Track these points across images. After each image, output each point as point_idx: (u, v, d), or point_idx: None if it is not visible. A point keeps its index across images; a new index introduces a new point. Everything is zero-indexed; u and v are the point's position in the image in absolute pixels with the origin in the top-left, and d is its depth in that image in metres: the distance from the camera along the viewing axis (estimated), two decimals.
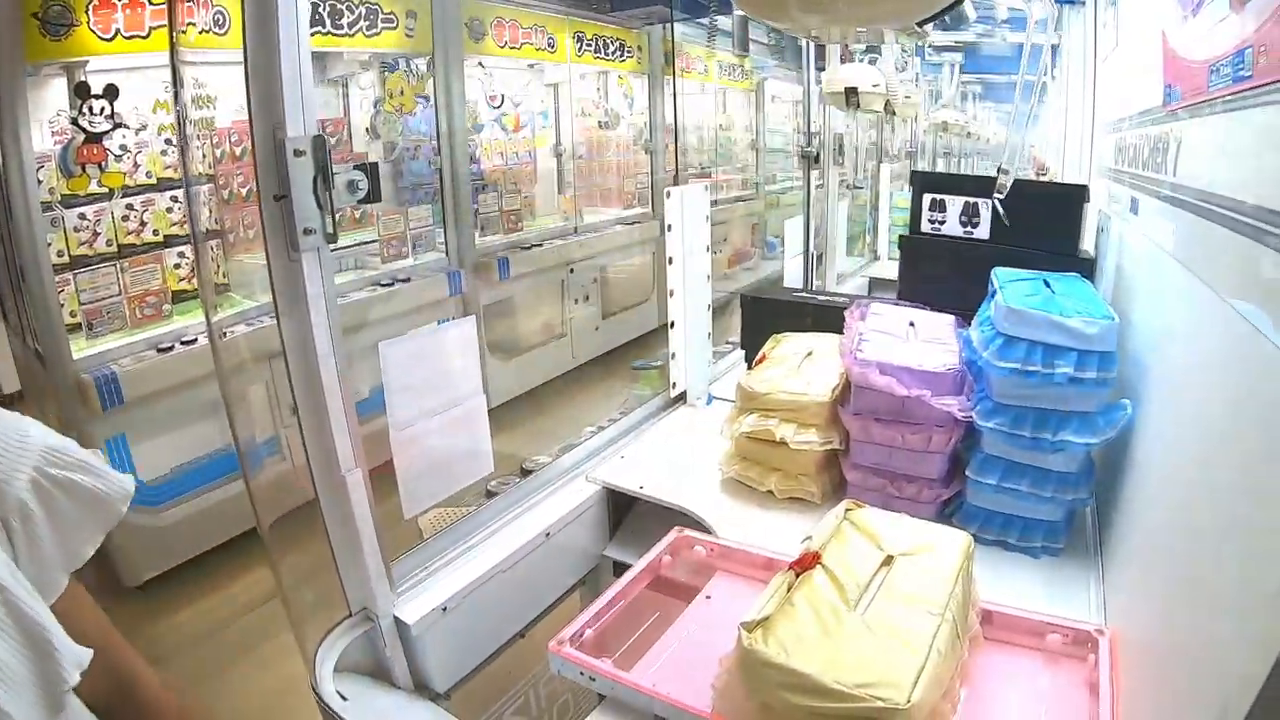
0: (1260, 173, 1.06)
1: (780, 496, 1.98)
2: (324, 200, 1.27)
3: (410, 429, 1.57)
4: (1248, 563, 0.91)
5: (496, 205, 5.74)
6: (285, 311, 1.32)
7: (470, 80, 5.48)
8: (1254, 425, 0.97)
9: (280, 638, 3.33)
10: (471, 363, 1.69)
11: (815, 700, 1.12)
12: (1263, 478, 0.92)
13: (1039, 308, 1.70)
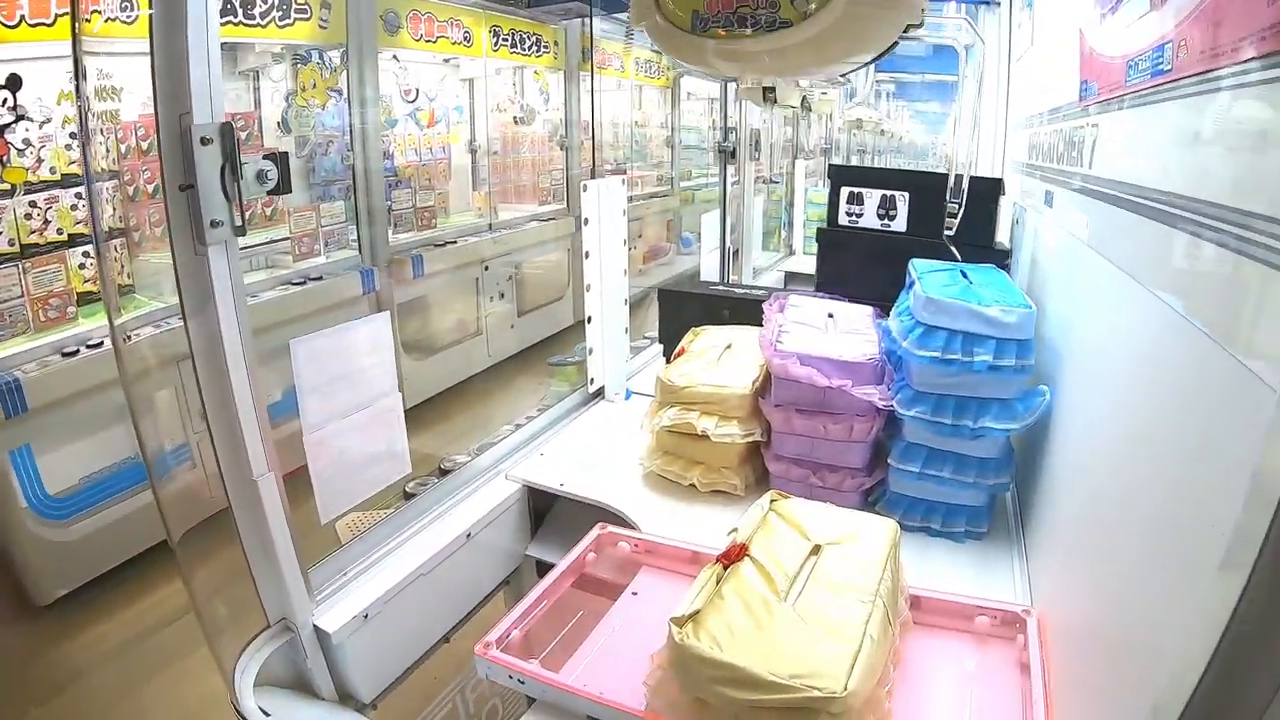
0: (1176, 161, 1.09)
1: (703, 490, 1.97)
2: (232, 191, 1.21)
3: (324, 429, 1.52)
4: (1165, 543, 0.95)
5: (410, 201, 5.64)
6: (192, 308, 1.26)
7: (384, 74, 5.38)
8: (1170, 406, 1.00)
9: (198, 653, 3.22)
10: (386, 360, 1.64)
11: (751, 693, 1.11)
12: (1176, 460, 0.95)
13: (957, 297, 1.71)
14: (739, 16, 0.97)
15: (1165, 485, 0.97)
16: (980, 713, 1.33)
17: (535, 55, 6.86)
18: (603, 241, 2.42)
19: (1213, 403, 0.86)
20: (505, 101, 6.88)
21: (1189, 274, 0.99)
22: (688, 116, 9.56)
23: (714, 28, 0.99)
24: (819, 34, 0.96)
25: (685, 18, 0.98)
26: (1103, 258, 1.44)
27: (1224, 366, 0.82)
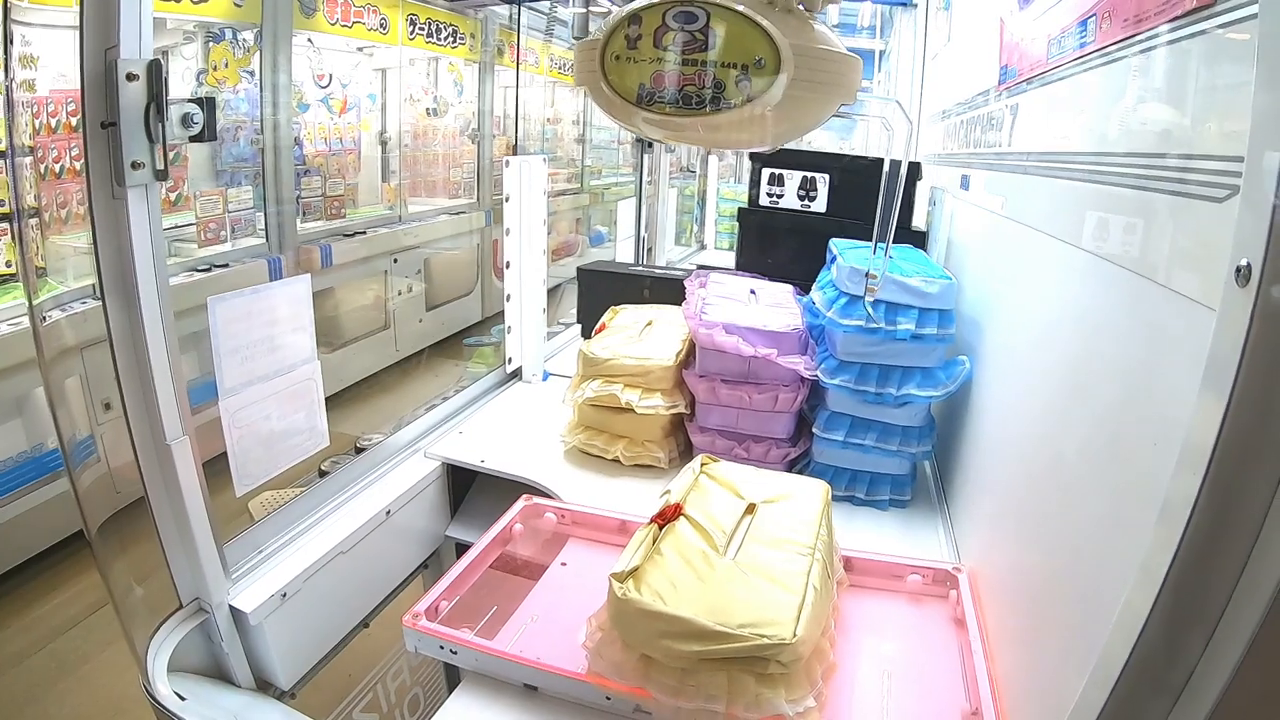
0: (1096, 123, 1.18)
1: (627, 464, 1.96)
2: (155, 132, 1.15)
3: (242, 394, 1.45)
4: (1098, 496, 0.99)
5: (320, 189, 5.51)
6: (106, 254, 1.18)
7: (298, 57, 5.24)
8: (1105, 352, 1.04)
9: (104, 655, 3.09)
10: (306, 325, 1.58)
11: (699, 645, 1.10)
12: (1109, 411, 1.00)
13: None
14: (684, 95, 0.98)
15: (1099, 438, 1.01)
16: (920, 665, 1.35)
17: (451, 46, 6.76)
18: (523, 219, 2.40)
19: (1147, 337, 0.90)
20: (419, 92, 6.76)
21: (1115, 221, 1.05)
22: (600, 115, 9.52)
23: (658, 103, 1.00)
24: (759, 115, 0.97)
25: (631, 90, 1.00)
26: (1023, 225, 1.50)
27: (1153, 298, 0.88)
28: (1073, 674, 0.91)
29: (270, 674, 1.51)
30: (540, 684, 1.27)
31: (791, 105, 1.00)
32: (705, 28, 0.96)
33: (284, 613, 1.51)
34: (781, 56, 0.95)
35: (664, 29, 0.97)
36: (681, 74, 0.99)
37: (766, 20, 0.95)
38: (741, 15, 0.95)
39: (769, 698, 1.10)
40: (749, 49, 0.95)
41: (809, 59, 0.98)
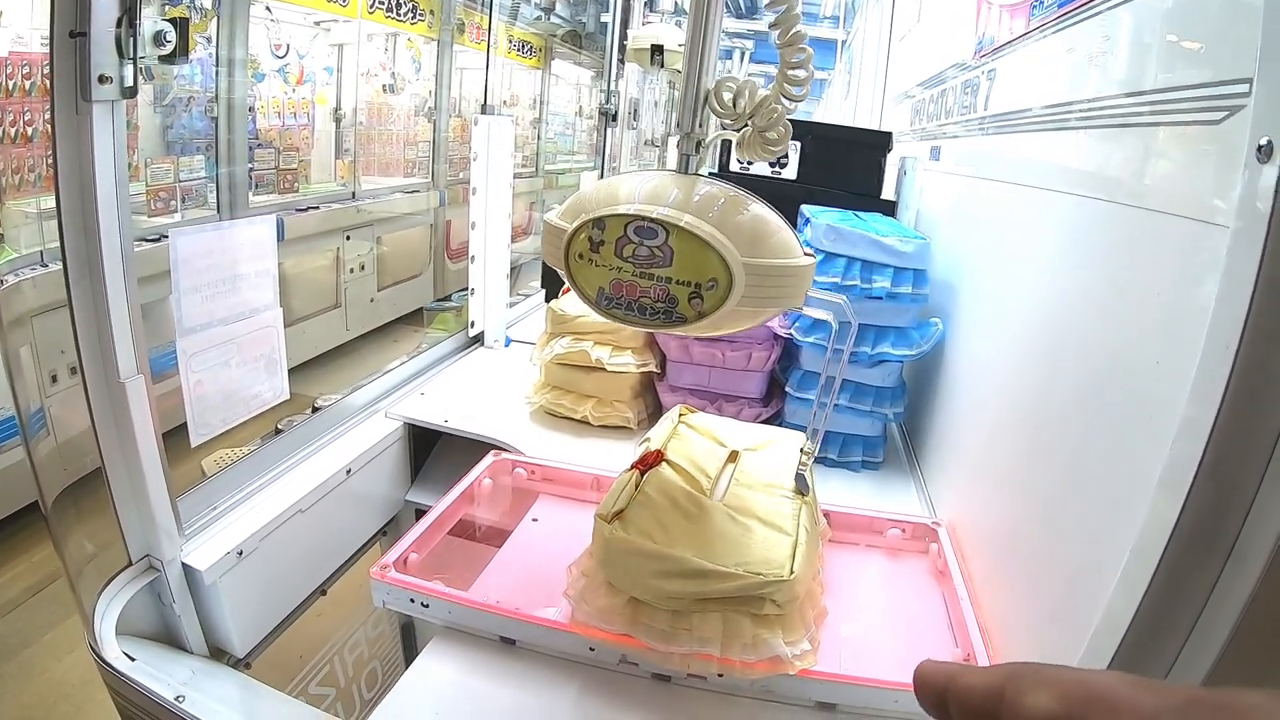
0: (1080, 73, 1.23)
1: (595, 424, 1.92)
2: (126, 45, 1.09)
3: (201, 335, 1.39)
4: (1068, 445, 1.04)
5: (273, 162, 5.39)
6: (66, 174, 1.11)
7: (256, 25, 5.11)
8: (1100, 295, 1.04)
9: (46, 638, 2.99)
10: (269, 268, 1.52)
11: (693, 584, 1.06)
12: (1103, 362, 1.01)
13: (856, 227, 1.73)
14: (640, 305, 0.99)
15: (1080, 383, 1.05)
16: (907, 615, 1.35)
17: (410, 22, 6.65)
18: (489, 178, 2.35)
19: (1140, 268, 0.93)
20: (376, 68, 6.64)
21: (1102, 161, 1.10)
22: (556, 102, 9.50)
23: (615, 308, 1.01)
24: (707, 324, 1.00)
25: (592, 292, 1.01)
26: (1003, 183, 1.55)
27: (1148, 227, 0.92)
28: (1064, 618, 0.94)
29: (224, 640, 1.44)
30: (519, 636, 1.23)
31: (740, 317, 1.02)
32: (664, 245, 0.96)
33: (239, 573, 1.44)
34: (734, 279, 0.96)
35: (625, 240, 0.98)
36: (638, 286, 1.00)
37: (723, 244, 0.96)
38: (698, 238, 0.95)
39: (766, 639, 1.07)
40: (704, 270, 0.96)
41: (761, 277, 0.99)
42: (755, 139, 1.09)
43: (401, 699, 1.13)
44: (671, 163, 1.13)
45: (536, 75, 9.06)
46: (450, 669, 1.20)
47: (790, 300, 1.05)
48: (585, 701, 1.14)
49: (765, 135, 1.08)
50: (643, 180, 1.05)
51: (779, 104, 1.06)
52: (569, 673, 1.19)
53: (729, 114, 1.07)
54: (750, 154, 1.12)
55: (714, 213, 0.98)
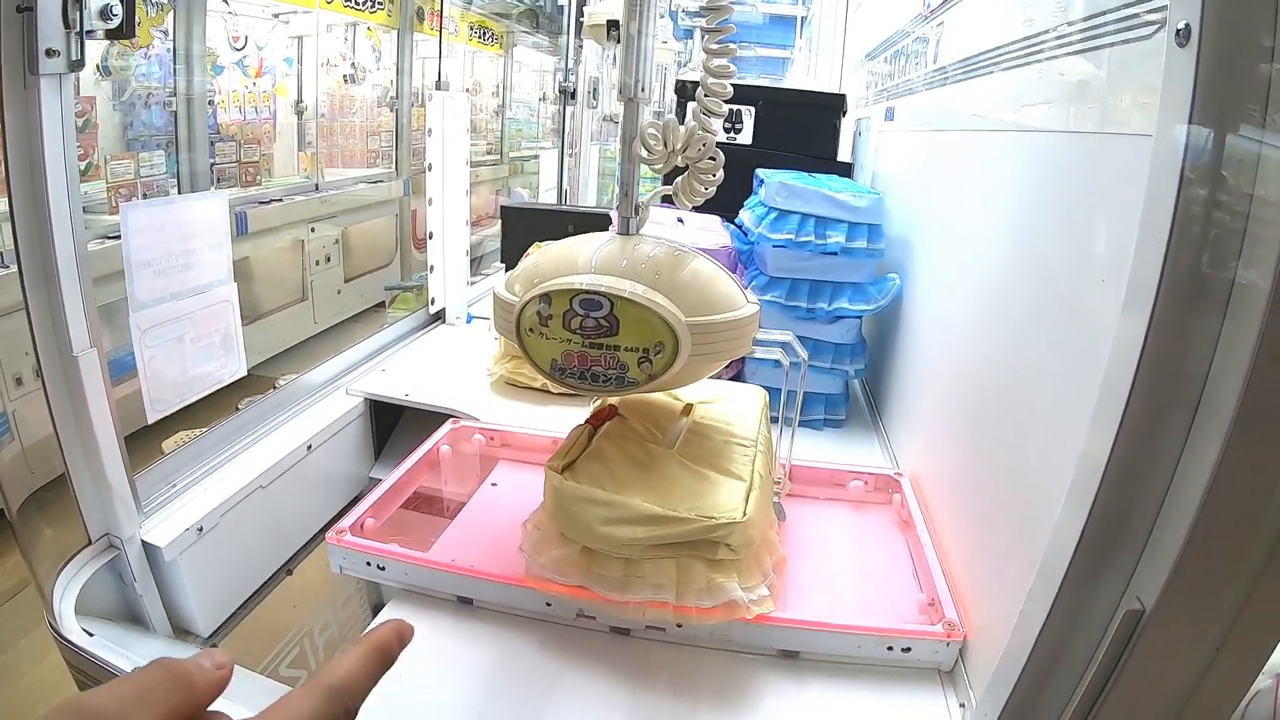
0: (1017, 14, 1.25)
1: (555, 391, 1.91)
2: (73, 18, 1.09)
3: (154, 310, 1.37)
4: (1025, 391, 1.05)
5: (235, 156, 5.33)
6: (15, 148, 1.11)
7: (213, 17, 5.05)
8: (1065, 223, 1.03)
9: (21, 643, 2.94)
10: (222, 244, 1.50)
11: (644, 530, 1.05)
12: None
13: (809, 184, 1.73)
14: (592, 374, 1.02)
15: (1042, 327, 1.04)
16: (870, 564, 1.35)
17: (370, 10, 6.58)
18: (445, 154, 2.33)
19: (1087, 194, 0.93)
20: (336, 58, 6.58)
21: (1048, 93, 1.11)
22: (519, 89, 9.45)
23: (570, 378, 1.04)
24: (663, 383, 1.04)
25: (545, 365, 1.04)
26: (955, 132, 1.56)
27: (1093, 149, 0.92)
28: (1020, 555, 0.93)
29: (188, 619, 1.43)
30: (475, 595, 1.22)
31: (691, 371, 1.05)
32: (610, 315, 0.98)
33: (200, 549, 1.43)
34: (680, 341, 0.99)
35: (572, 313, 1.00)
36: (589, 355, 1.02)
37: (666, 309, 0.98)
38: (642, 305, 0.97)
39: (721, 584, 1.06)
40: (650, 335, 0.99)
41: (707, 334, 1.02)
42: (690, 177, 1.13)
43: None
44: None
45: (499, 63, 9.02)
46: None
47: (738, 349, 1.08)
48: (543, 657, 1.14)
49: (699, 167, 1.11)
50: (583, 246, 1.07)
51: (705, 131, 1.08)
52: (526, 629, 1.18)
53: (661, 155, 1.09)
54: (688, 196, 1.15)
55: (655, 276, 1.00)
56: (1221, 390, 0.62)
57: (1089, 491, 0.70)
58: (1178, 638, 0.67)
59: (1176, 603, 0.65)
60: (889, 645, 1.13)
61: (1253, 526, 0.62)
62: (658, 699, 1.08)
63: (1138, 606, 0.67)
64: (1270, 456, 0.60)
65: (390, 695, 1.06)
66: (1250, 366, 0.58)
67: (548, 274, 1.03)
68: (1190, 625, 0.66)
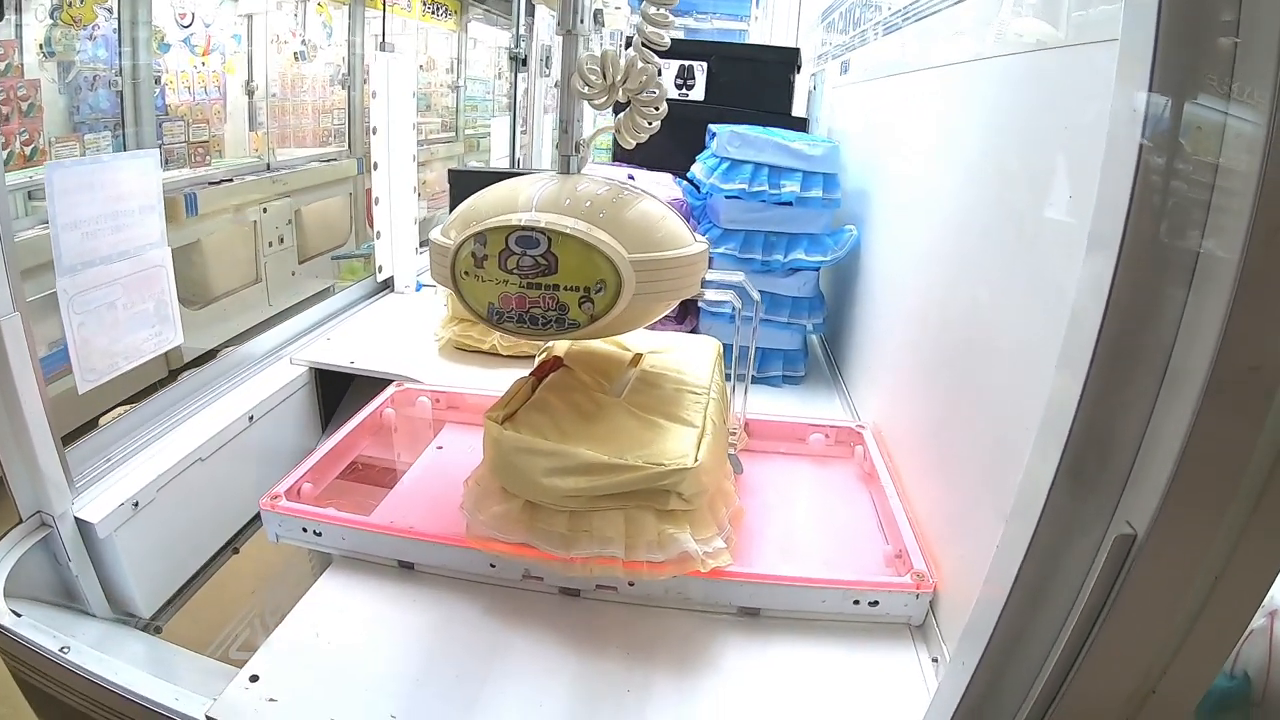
0: None
1: (505, 353, 1.86)
2: None
3: (82, 275, 1.29)
4: (985, 338, 1.04)
5: (183, 135, 5.22)
6: None
7: None
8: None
9: None
10: (154, 204, 1.44)
11: (588, 480, 1.00)
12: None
13: (763, 133, 1.69)
14: (531, 316, 0.98)
15: (1000, 261, 1.02)
16: (833, 518, 1.33)
17: None
18: (390, 117, 2.27)
19: (1063, 107, 0.88)
20: (286, 34, 6.45)
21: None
22: (474, 66, 9.36)
23: (507, 322, 0.99)
24: (604, 326, 0.99)
25: (482, 309, 1.00)
26: (911, 73, 1.53)
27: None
28: (985, 502, 0.92)
29: (127, 600, 1.36)
30: (416, 559, 1.17)
31: (636, 312, 1.01)
32: (547, 253, 0.95)
33: (137, 525, 1.36)
34: (623, 278, 0.95)
35: (508, 252, 0.96)
36: (527, 297, 0.98)
37: (607, 244, 0.94)
38: (581, 241, 0.94)
39: (673, 535, 1.02)
40: (591, 273, 0.95)
41: (651, 271, 0.98)
42: (632, 113, 1.09)
43: (286, 635, 1.07)
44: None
45: (454, 39, 8.92)
46: (344, 598, 1.13)
47: (686, 289, 1.04)
48: (487, 621, 1.09)
49: (640, 100, 1.07)
50: (522, 186, 1.02)
51: (646, 62, 1.04)
52: (471, 593, 1.13)
53: (601, 89, 1.05)
54: (630, 132, 1.11)
55: (595, 213, 0.96)
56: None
57: (1064, 419, 0.66)
58: (1175, 564, 0.63)
59: (1171, 527, 0.61)
60: (855, 599, 1.09)
61: (1247, 446, 0.58)
62: (608, 662, 1.03)
63: (1129, 531, 0.63)
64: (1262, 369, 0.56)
65: (318, 665, 1.01)
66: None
67: (485, 215, 0.98)
68: (1187, 551, 0.62)
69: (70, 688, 1.08)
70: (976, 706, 0.76)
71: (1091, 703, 0.69)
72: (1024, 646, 0.72)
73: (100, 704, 1.06)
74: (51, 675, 1.10)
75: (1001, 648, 0.72)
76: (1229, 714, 0.89)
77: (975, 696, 0.75)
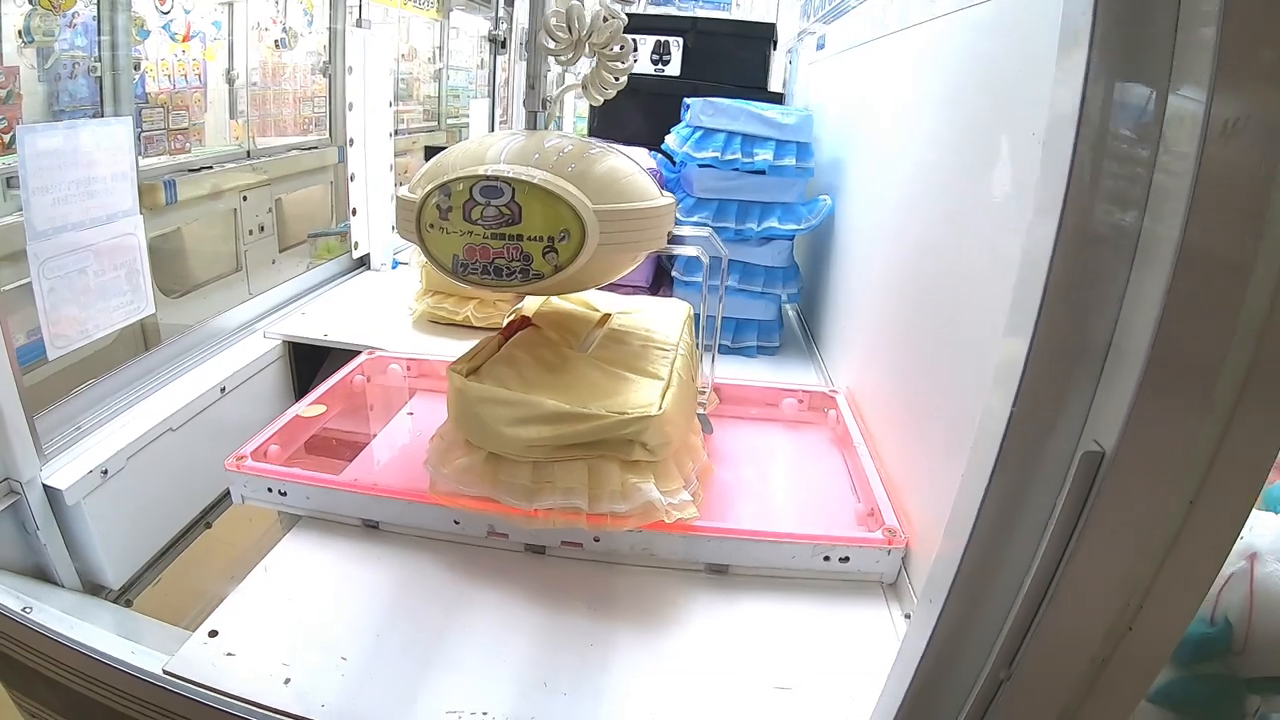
0: None
1: (477, 324, 1.86)
2: None
3: (53, 240, 1.29)
4: (951, 293, 1.04)
5: (163, 122, 5.19)
6: None
7: None
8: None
9: None
10: (126, 171, 1.42)
11: (551, 429, 1.00)
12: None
13: (737, 102, 1.70)
14: (495, 267, 0.99)
15: (963, 221, 1.04)
16: (806, 479, 1.34)
17: None
18: (367, 92, 2.26)
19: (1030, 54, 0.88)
20: (267, 21, 6.42)
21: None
22: (457, 55, 9.34)
23: (471, 274, 1.00)
24: (568, 278, 1.00)
25: (446, 261, 1.01)
26: (883, 38, 1.55)
27: None
28: (954, 453, 0.92)
29: (96, 571, 1.36)
30: (381, 517, 1.16)
31: (602, 264, 1.02)
32: (511, 202, 0.95)
33: (106, 493, 1.35)
34: (586, 227, 0.96)
35: (472, 202, 0.96)
36: (491, 248, 0.98)
37: (570, 192, 0.95)
38: (545, 190, 0.95)
39: (636, 485, 1.02)
40: (554, 222, 0.96)
41: (615, 222, 0.99)
42: (599, 67, 1.10)
43: (247, 592, 1.06)
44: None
45: (436, 28, 8.90)
46: (308, 557, 1.13)
47: (652, 241, 1.05)
48: (451, 576, 1.08)
49: (606, 54, 1.08)
50: (488, 141, 1.03)
51: (612, 17, 1.06)
52: (436, 551, 1.13)
53: (568, 44, 1.07)
54: (597, 87, 1.13)
55: (559, 163, 0.97)
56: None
57: (1023, 342, 0.65)
58: (1146, 482, 0.62)
59: (1140, 441, 0.60)
60: (825, 555, 1.09)
61: (1213, 364, 0.57)
62: (573, 617, 1.02)
63: (1096, 449, 0.62)
64: (1218, 298, 0.56)
65: (279, 621, 1.01)
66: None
67: (448, 169, 0.99)
68: (1159, 468, 0.61)
69: (31, 648, 1.08)
70: (947, 647, 0.74)
71: (1066, 639, 0.68)
72: (994, 578, 0.71)
73: (61, 663, 1.05)
74: (13, 636, 1.10)
75: (970, 580, 0.71)
76: (1210, 663, 0.89)
77: (944, 637, 0.73)
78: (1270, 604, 0.86)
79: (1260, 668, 0.88)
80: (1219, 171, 0.52)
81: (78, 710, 1.09)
